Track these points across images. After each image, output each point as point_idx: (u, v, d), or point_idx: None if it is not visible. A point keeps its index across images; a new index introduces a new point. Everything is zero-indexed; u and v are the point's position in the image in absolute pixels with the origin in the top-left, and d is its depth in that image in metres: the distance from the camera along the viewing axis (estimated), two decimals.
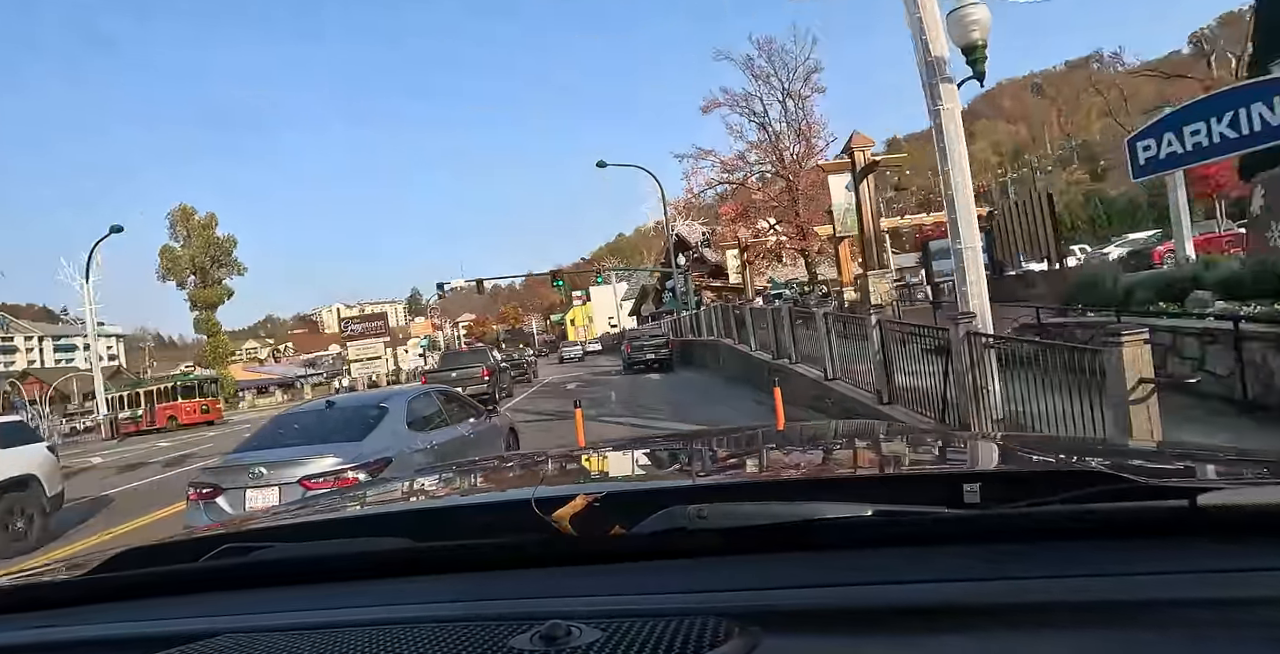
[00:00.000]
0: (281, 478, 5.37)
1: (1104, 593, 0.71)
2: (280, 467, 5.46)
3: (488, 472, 2.05)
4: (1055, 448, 1.83)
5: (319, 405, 6.87)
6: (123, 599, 1.05)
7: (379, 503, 1.66)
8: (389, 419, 6.08)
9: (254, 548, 1.08)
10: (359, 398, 8.46)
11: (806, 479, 1.38)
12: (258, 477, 5.45)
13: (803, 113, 35.47)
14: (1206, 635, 0.65)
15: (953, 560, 0.80)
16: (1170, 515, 0.80)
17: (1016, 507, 0.86)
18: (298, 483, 5.25)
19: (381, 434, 5.86)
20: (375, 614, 0.88)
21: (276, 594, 1.00)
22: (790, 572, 0.83)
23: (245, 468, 5.56)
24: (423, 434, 6.31)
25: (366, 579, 0.99)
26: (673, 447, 2.22)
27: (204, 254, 53.72)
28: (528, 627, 0.75)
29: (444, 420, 6.83)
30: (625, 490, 1.32)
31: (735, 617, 0.73)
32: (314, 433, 5.99)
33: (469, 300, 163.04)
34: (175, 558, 1.13)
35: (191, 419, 34.48)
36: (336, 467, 5.33)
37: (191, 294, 54.11)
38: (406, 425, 6.19)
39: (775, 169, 35.77)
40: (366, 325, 51.98)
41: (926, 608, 0.73)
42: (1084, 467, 1.23)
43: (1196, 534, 0.78)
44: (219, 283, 54.94)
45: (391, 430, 5.97)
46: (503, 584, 0.92)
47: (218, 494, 5.53)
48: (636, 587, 0.85)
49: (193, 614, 0.96)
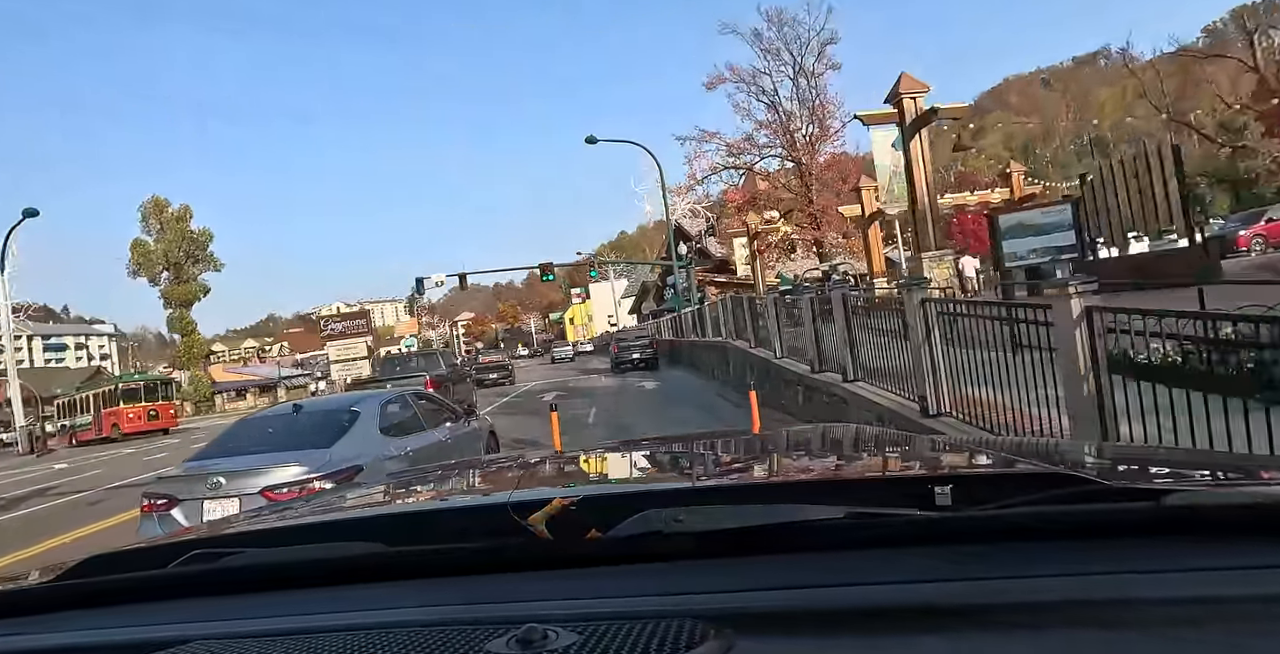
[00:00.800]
0: (242, 488, 5.02)
1: (1071, 593, 0.72)
2: (241, 476, 5.10)
3: (463, 475, 2.01)
4: (1026, 451, 1.73)
5: (286, 409, 6.44)
6: (90, 606, 1.03)
7: (352, 507, 1.63)
8: (360, 424, 5.73)
9: (224, 553, 1.06)
10: (329, 401, 7.91)
11: (781, 482, 1.41)
12: (216, 487, 5.10)
13: (816, 90, 32.32)
14: (1170, 635, 0.66)
15: (924, 562, 0.80)
16: (1135, 517, 0.82)
17: (986, 509, 0.87)
18: (259, 494, 4.88)
19: (352, 440, 5.50)
20: (348, 620, 0.87)
21: (248, 600, 0.99)
22: (765, 574, 0.83)
23: (203, 477, 5.21)
24: (397, 440, 5.97)
25: (339, 584, 0.98)
26: (648, 451, 2.17)
27: (177, 248, 50.74)
28: (504, 631, 0.75)
29: (420, 424, 6.46)
30: (601, 494, 1.29)
31: (710, 619, 0.74)
32: (279, 439, 5.62)
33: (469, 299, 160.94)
34: (144, 564, 1.10)
35: (135, 427, 29.92)
36: (302, 476, 4.98)
37: (165, 291, 51.13)
38: (379, 430, 5.86)
39: (786, 152, 32.54)
40: (348, 324, 48.57)
41: (899, 609, 0.74)
42: (1053, 469, 1.21)
43: (1161, 535, 0.79)
44: (194, 279, 51.98)
45: (363, 436, 5.63)
46: (478, 588, 0.91)
47: (173, 505, 5.17)
48: (612, 590, 0.86)
49: (162, 621, 0.95)
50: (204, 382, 51.65)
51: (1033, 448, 1.97)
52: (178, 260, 50.79)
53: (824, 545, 0.88)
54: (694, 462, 1.80)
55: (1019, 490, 0.89)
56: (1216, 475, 1.18)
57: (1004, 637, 0.69)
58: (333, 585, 0.98)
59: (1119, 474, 1.25)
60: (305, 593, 0.98)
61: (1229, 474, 1.20)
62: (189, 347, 51.77)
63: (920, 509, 0.89)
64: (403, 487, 1.91)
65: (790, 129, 32.33)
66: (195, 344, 52.24)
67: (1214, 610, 0.67)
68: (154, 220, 51.42)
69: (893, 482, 1.29)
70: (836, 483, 1.30)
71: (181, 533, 1.44)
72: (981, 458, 1.59)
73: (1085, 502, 0.85)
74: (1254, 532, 0.77)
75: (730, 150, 33.36)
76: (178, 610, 0.98)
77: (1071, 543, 0.81)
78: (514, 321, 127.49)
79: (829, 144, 32.56)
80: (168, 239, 50.81)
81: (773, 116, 32.64)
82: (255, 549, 1.07)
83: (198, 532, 1.48)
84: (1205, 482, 1.09)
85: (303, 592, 0.98)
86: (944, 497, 0.92)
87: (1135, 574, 0.73)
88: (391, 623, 0.84)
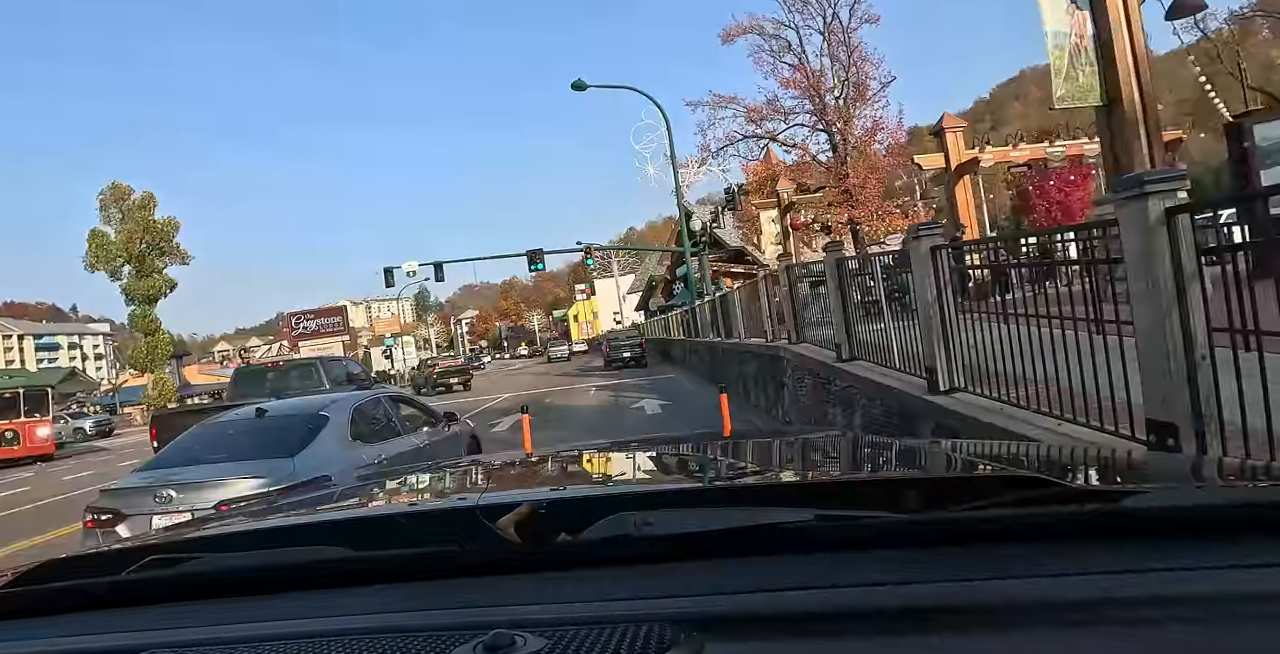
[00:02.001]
0: (195, 502, 4.52)
1: (1037, 594, 0.73)
2: (194, 489, 4.65)
3: (431, 479, 1.95)
4: (994, 454, 1.73)
5: (248, 414, 5.64)
6: (42, 614, 1.01)
7: (316, 511, 1.57)
8: (329, 430, 5.29)
9: (183, 559, 1.04)
10: (296, 405, 6.37)
11: (751, 485, 1.38)
12: (166, 500, 4.66)
13: (849, 47, 27.22)
14: (1132, 634, 0.67)
15: (894, 564, 0.81)
16: (1095, 518, 0.83)
17: (954, 511, 0.87)
18: (214, 508, 4.11)
19: (319, 448, 5.07)
20: (310, 626, 0.86)
21: (207, 607, 0.96)
22: (734, 577, 0.83)
23: (152, 490, 4.75)
24: (370, 447, 5.51)
25: (302, 590, 0.96)
26: (619, 453, 2.13)
27: (139, 240, 46.06)
28: (471, 637, 0.75)
29: (395, 430, 6.05)
30: (571, 498, 1.27)
31: (680, 623, 0.74)
32: (239, 447, 5.14)
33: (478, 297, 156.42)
34: (99, 570, 1.06)
35: None
36: (262, 488, 4.35)
37: (126, 286, 46.46)
38: (350, 437, 5.43)
39: (816, 117, 27.46)
40: (321, 322, 43.78)
41: (869, 611, 0.75)
42: (1018, 472, 1.23)
43: (1120, 536, 0.81)
44: (159, 273, 47.30)
45: (332, 443, 5.20)
46: (445, 594, 0.90)
47: (119, 521, 4.74)
48: (582, 594, 0.85)
49: (117, 629, 0.94)
50: (168, 385, 46.86)
51: (998, 451, 1.86)
52: (139, 252, 46.13)
53: (794, 548, 0.87)
54: (665, 464, 1.79)
55: (987, 493, 0.89)
56: (1174, 476, 1.16)
57: (973, 638, 0.69)
58: (295, 591, 0.96)
59: (1081, 476, 1.24)
60: (266, 599, 0.96)
61: (1184, 474, 1.19)
62: (152, 347, 47.00)
63: (889, 512, 0.90)
64: (369, 489, 1.86)
65: (820, 90, 27.24)
66: (160, 344, 47.48)
67: (1172, 611, 0.68)
68: (114, 209, 46.78)
69: (862, 485, 1.25)
70: (805, 485, 1.30)
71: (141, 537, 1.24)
72: (948, 461, 1.58)
73: (1048, 504, 0.86)
74: (1208, 531, 0.79)
75: (750, 116, 28.32)
76: (134, 618, 0.96)
77: (1037, 545, 0.81)
78: (517, 319, 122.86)
79: (867, 107, 27.50)
80: (128, 229, 46.10)
81: (799, 76, 27.59)
82: (215, 554, 1.05)
83: (156, 537, 1.33)
84: (1164, 483, 1.08)
85: (264, 598, 0.96)
86: (912, 499, 0.92)
87: (1096, 575, 0.74)
88: (355, 630, 0.82)
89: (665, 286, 51.05)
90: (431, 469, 2.31)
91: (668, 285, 50.45)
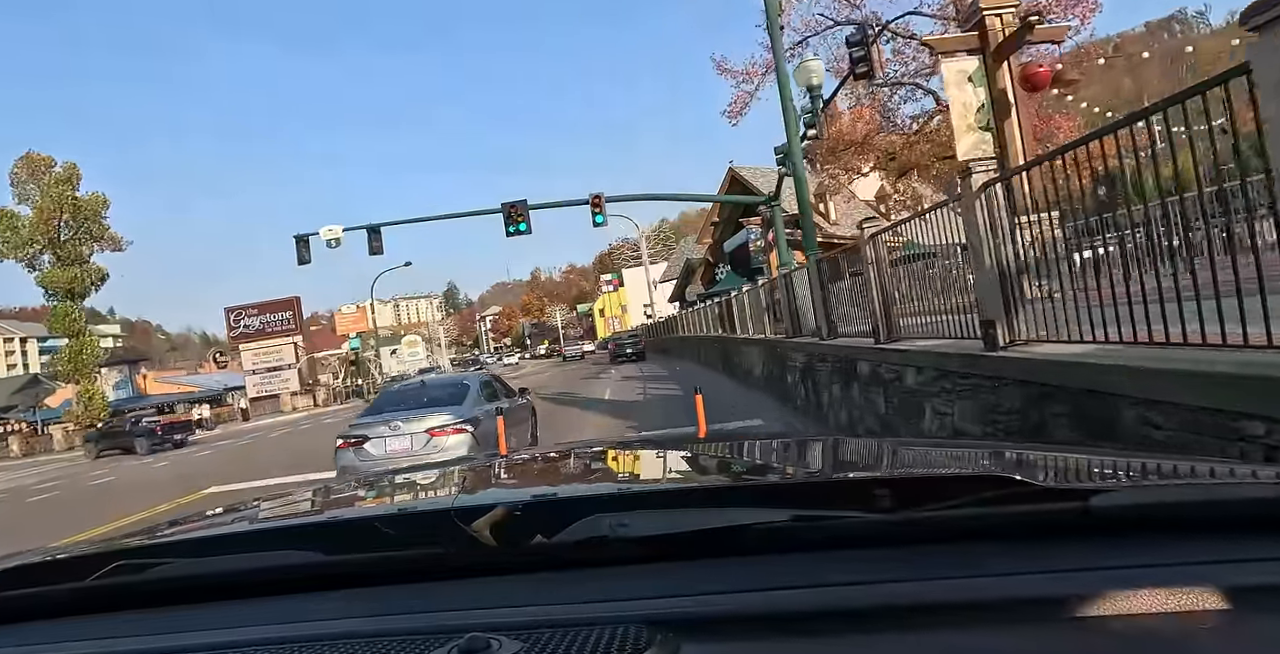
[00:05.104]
0: (412, 430, 7.73)
1: (1008, 591, 0.74)
2: (411, 421, 7.82)
3: (405, 481, 1.94)
4: (967, 454, 1.76)
5: (416, 383, 9.72)
6: (3, 623, 0.99)
7: (288, 515, 1.56)
8: (471, 392, 8.62)
9: (150, 565, 1.02)
10: (442, 379, 12.01)
11: (727, 486, 1.38)
12: (396, 429, 7.76)
13: None
14: (1101, 629, 0.68)
15: (867, 563, 0.82)
16: (1063, 517, 0.84)
17: (926, 510, 0.87)
18: (425, 432, 7.66)
19: (470, 401, 8.36)
20: (281, 632, 0.85)
21: (174, 614, 0.95)
22: (710, 578, 0.83)
23: (385, 422, 7.88)
24: (489, 404, 8.64)
25: (273, 595, 0.95)
26: (594, 455, 2.09)
27: (58, 220, 37.49)
28: (446, 640, 0.74)
29: (497, 396, 9.24)
30: (546, 500, 1.25)
31: (657, 624, 0.75)
32: (421, 401, 8.44)
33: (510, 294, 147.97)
34: (63, 577, 1.05)
35: None
36: (449, 421, 7.76)
37: (43, 277, 37.91)
38: (481, 396, 8.70)
39: None
40: (267, 318, 34.51)
41: (842, 610, 0.75)
42: (990, 471, 1.24)
43: (1090, 533, 0.82)
44: (85, 261, 38.73)
45: (474, 398, 8.50)
46: (420, 597, 0.89)
47: (364, 442, 7.79)
48: (558, 597, 0.85)
49: (80, 637, 0.92)
50: (97, 398, 38.18)
51: (970, 451, 1.89)
52: (56, 235, 37.58)
53: (770, 548, 0.87)
54: (639, 466, 1.79)
55: (960, 493, 0.89)
56: (1142, 475, 1.19)
57: (949, 635, 0.69)
58: (266, 596, 0.94)
59: (1051, 475, 1.24)
60: (237, 605, 0.94)
61: (1152, 473, 1.21)
62: (75, 351, 38.35)
63: (864, 512, 0.90)
64: (343, 493, 1.85)
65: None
66: (86, 347, 38.87)
67: (1133, 607, 0.69)
68: (30, 185, 38.28)
69: (837, 485, 1.25)
70: (780, 486, 1.29)
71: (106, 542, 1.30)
72: (922, 461, 1.58)
73: (1019, 502, 0.86)
74: (1164, 529, 0.81)
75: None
76: (98, 626, 0.94)
77: (1009, 542, 0.82)
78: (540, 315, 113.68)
79: None
80: (46, 208, 37.50)
81: None
82: (185, 559, 1.03)
83: (121, 543, 1.36)
84: (1131, 482, 1.09)
85: (234, 604, 0.95)
86: (886, 499, 0.92)
87: (1063, 572, 0.75)
88: (328, 635, 0.81)
89: (706, 270, 41.19)
90: (407, 472, 2.32)
91: (709, 269, 40.58)
